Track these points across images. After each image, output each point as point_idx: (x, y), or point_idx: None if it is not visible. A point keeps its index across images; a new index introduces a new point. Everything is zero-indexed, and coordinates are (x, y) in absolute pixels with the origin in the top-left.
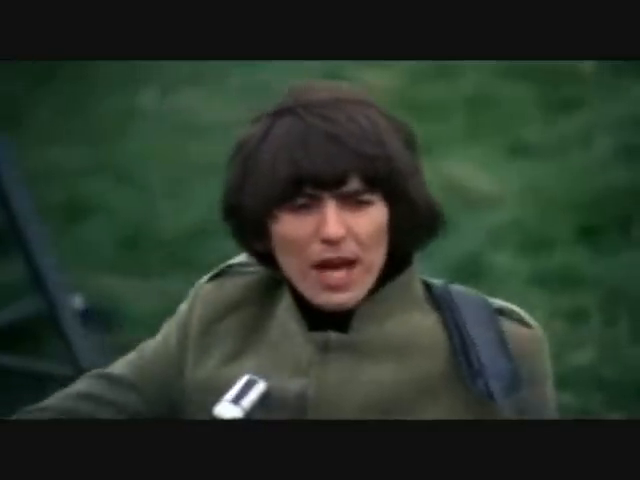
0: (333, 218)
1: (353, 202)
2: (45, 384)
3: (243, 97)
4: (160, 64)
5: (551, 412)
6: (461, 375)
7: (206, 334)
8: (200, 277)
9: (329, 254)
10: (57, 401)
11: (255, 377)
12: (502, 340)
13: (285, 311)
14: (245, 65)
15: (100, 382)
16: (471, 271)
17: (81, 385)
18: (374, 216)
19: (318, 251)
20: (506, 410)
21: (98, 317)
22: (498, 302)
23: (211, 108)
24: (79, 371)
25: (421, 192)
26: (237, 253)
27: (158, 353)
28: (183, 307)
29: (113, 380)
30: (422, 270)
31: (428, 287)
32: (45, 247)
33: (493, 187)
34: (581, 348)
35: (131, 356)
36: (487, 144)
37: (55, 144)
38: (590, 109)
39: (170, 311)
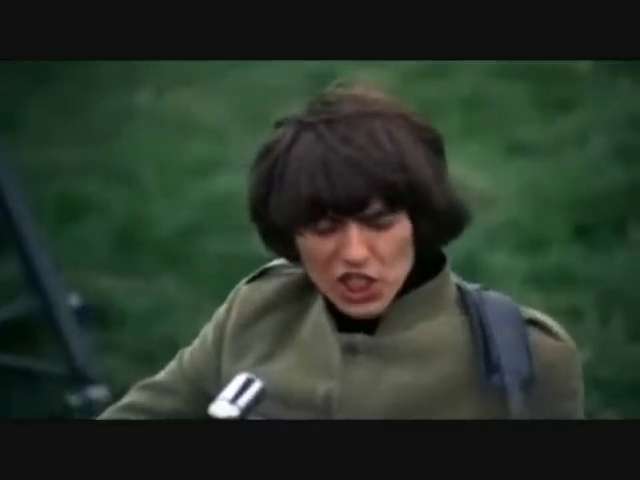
0: (356, 240)
1: (375, 223)
2: (41, 383)
3: (238, 97)
4: (155, 64)
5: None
6: (480, 374)
7: (242, 335)
8: (194, 275)
9: (352, 270)
10: (107, 414)
11: (252, 376)
12: (525, 344)
13: (318, 312)
14: (240, 65)
15: (140, 391)
16: (467, 270)
17: (126, 398)
18: (398, 234)
19: (341, 268)
20: (520, 406)
21: (93, 316)
22: (534, 313)
23: (206, 108)
24: (74, 370)
25: (444, 198)
26: (231, 252)
27: (195, 354)
28: (221, 309)
29: (151, 387)
30: None
31: (461, 291)
32: (40, 246)
33: (489, 187)
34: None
35: (172, 363)
36: (483, 143)
37: (50, 144)
38: (585, 109)
39: (164, 309)
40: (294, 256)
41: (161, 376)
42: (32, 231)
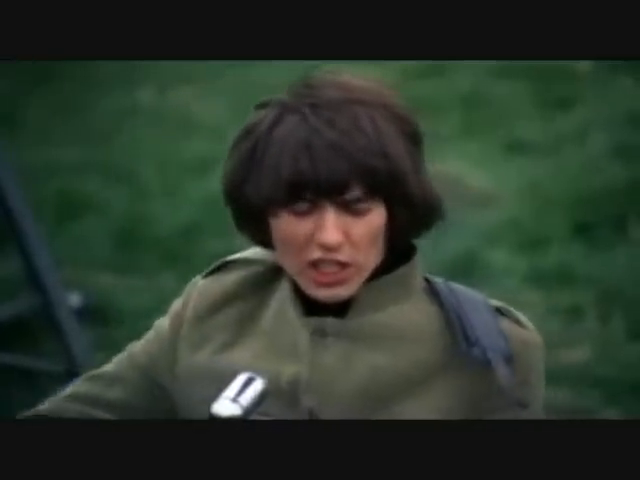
0: (332, 224)
1: (352, 208)
2: (41, 381)
3: (238, 97)
4: (155, 64)
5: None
6: (456, 359)
7: (201, 325)
8: (195, 274)
9: (325, 256)
10: (49, 405)
11: (254, 375)
12: (498, 328)
13: (281, 300)
14: (240, 65)
15: (86, 381)
16: (467, 268)
17: (70, 388)
18: (373, 221)
19: (314, 252)
20: (507, 378)
21: (93, 314)
22: (496, 302)
23: (206, 107)
24: (75, 368)
25: (420, 190)
26: (231, 250)
27: (148, 345)
28: (177, 302)
29: (98, 377)
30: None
31: (429, 282)
32: (41, 245)
33: (489, 185)
34: (576, 346)
35: (119, 355)
36: (483, 142)
37: (50, 143)
38: (585, 107)
39: (165, 308)
40: (266, 240)
41: (109, 367)
42: (32, 229)
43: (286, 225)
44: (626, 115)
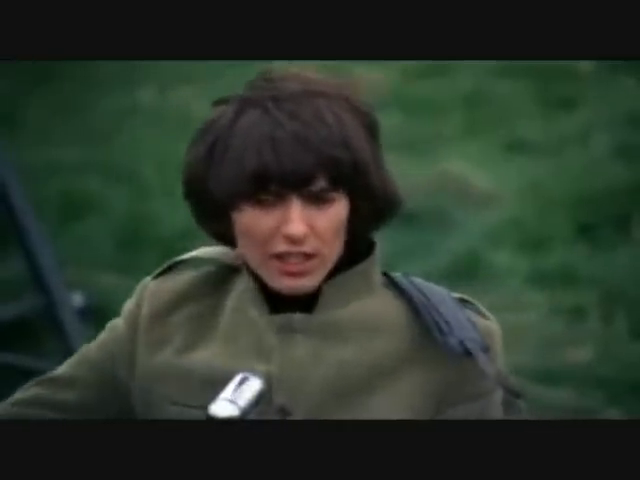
0: (297, 216)
1: (317, 200)
2: None
3: None
4: (156, 64)
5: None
6: (426, 351)
7: (157, 327)
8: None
9: (290, 249)
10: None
11: (250, 375)
12: (469, 319)
13: (238, 299)
14: (240, 65)
15: (38, 386)
16: (470, 269)
17: (21, 394)
18: (336, 212)
19: (279, 244)
20: (487, 367)
21: (95, 314)
22: (457, 294)
23: (206, 107)
24: None
25: (381, 182)
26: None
27: (104, 345)
28: (129, 303)
29: (51, 381)
30: (419, 268)
31: (388, 277)
32: (44, 245)
33: (491, 185)
34: (579, 346)
35: (69, 360)
36: (485, 142)
37: (51, 143)
38: (588, 107)
39: None
40: (227, 236)
41: (61, 370)
42: (35, 230)
43: (250, 218)
44: (628, 115)
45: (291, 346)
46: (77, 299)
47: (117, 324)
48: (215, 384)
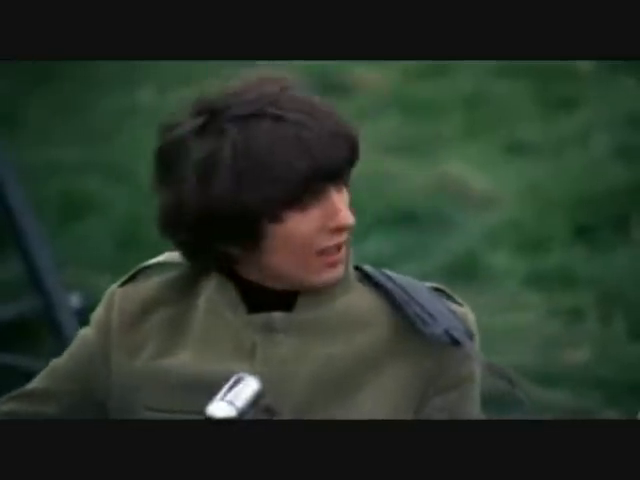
0: (344, 206)
1: (343, 187)
2: None
3: None
4: (156, 64)
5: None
6: (409, 342)
7: (130, 333)
8: None
9: (338, 240)
10: None
11: (247, 376)
12: (446, 306)
13: (211, 301)
14: (240, 65)
15: (13, 402)
16: (468, 270)
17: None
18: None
19: (325, 240)
20: (475, 354)
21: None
22: (427, 283)
23: None
24: None
25: None
26: None
27: (77, 355)
28: (99, 311)
29: (26, 395)
30: (418, 268)
31: (361, 271)
32: (42, 246)
33: (490, 186)
34: (577, 346)
35: (41, 374)
36: (484, 143)
37: (51, 143)
38: (587, 108)
39: None
40: (236, 254)
41: (34, 385)
42: (34, 230)
43: (293, 222)
44: (628, 115)
45: (273, 345)
46: (75, 300)
47: (87, 333)
48: (191, 388)
